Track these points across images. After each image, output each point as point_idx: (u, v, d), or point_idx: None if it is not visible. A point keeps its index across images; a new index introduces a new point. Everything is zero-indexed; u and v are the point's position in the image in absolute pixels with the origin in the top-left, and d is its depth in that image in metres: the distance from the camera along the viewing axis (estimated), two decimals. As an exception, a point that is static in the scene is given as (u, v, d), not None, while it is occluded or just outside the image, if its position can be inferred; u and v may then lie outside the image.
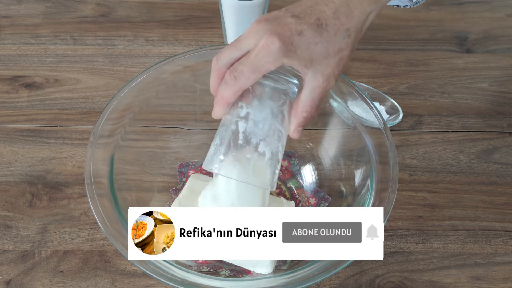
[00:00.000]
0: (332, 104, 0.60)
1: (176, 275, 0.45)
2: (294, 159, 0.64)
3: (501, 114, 0.71)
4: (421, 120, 0.70)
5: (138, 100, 0.57)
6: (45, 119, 0.68)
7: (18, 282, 0.54)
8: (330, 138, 0.64)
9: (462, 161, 0.66)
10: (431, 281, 0.56)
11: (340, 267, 0.45)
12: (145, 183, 0.59)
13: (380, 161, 0.53)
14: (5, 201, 0.60)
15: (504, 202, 0.62)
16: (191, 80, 0.61)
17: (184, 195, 0.56)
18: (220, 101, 0.46)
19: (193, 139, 0.64)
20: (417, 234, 0.59)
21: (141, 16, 0.82)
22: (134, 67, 0.75)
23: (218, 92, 0.45)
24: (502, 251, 0.58)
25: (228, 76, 0.44)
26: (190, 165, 0.63)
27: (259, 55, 0.42)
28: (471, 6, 0.87)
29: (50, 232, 0.58)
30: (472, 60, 0.78)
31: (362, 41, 0.80)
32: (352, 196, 0.57)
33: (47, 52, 0.76)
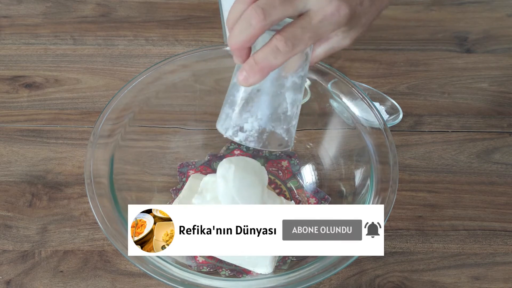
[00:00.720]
0: (332, 104, 0.60)
1: (176, 275, 0.45)
2: (294, 159, 0.64)
3: (501, 114, 0.71)
4: (421, 120, 0.70)
5: (138, 100, 0.57)
6: (45, 119, 0.68)
7: (18, 282, 0.54)
8: (330, 138, 0.64)
9: (462, 161, 0.66)
10: (431, 281, 0.56)
11: (340, 267, 0.45)
12: (145, 183, 0.59)
13: (380, 161, 0.53)
14: (5, 201, 0.60)
15: (504, 202, 0.62)
16: (191, 80, 0.61)
17: (184, 195, 0.56)
18: (265, 69, 0.40)
19: (193, 139, 0.64)
20: (417, 234, 0.59)
21: (141, 16, 0.82)
22: (134, 67, 0.75)
23: (264, 59, 0.39)
24: (502, 251, 0.58)
25: (283, 43, 0.38)
26: (190, 165, 0.62)
27: (325, 22, 0.39)
28: (471, 6, 0.87)
29: (50, 232, 0.58)
30: (472, 60, 0.78)
31: (362, 41, 0.80)
32: (352, 196, 0.57)
33: (47, 52, 0.76)
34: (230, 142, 0.65)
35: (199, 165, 0.63)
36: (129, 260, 0.45)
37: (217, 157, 0.63)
